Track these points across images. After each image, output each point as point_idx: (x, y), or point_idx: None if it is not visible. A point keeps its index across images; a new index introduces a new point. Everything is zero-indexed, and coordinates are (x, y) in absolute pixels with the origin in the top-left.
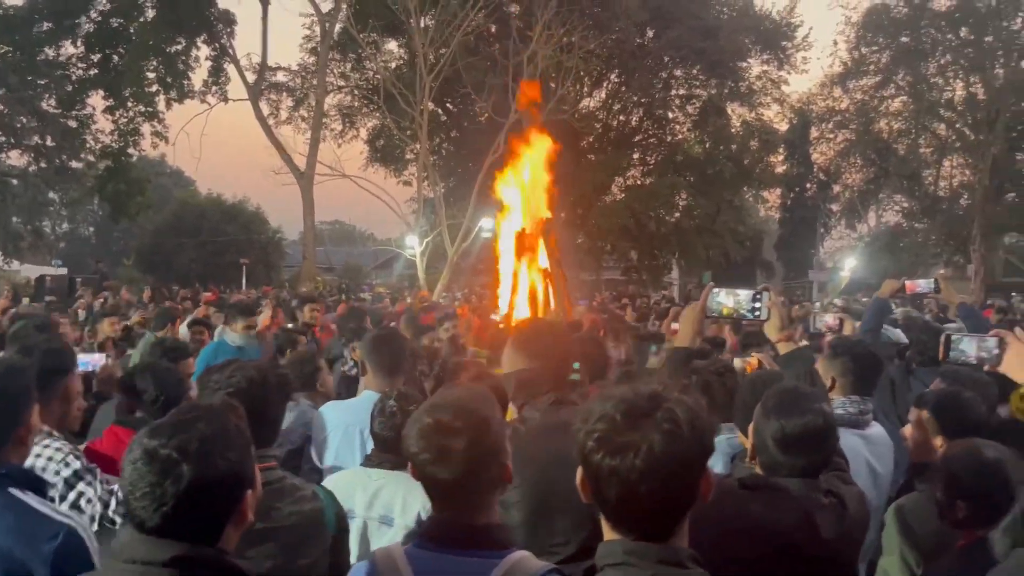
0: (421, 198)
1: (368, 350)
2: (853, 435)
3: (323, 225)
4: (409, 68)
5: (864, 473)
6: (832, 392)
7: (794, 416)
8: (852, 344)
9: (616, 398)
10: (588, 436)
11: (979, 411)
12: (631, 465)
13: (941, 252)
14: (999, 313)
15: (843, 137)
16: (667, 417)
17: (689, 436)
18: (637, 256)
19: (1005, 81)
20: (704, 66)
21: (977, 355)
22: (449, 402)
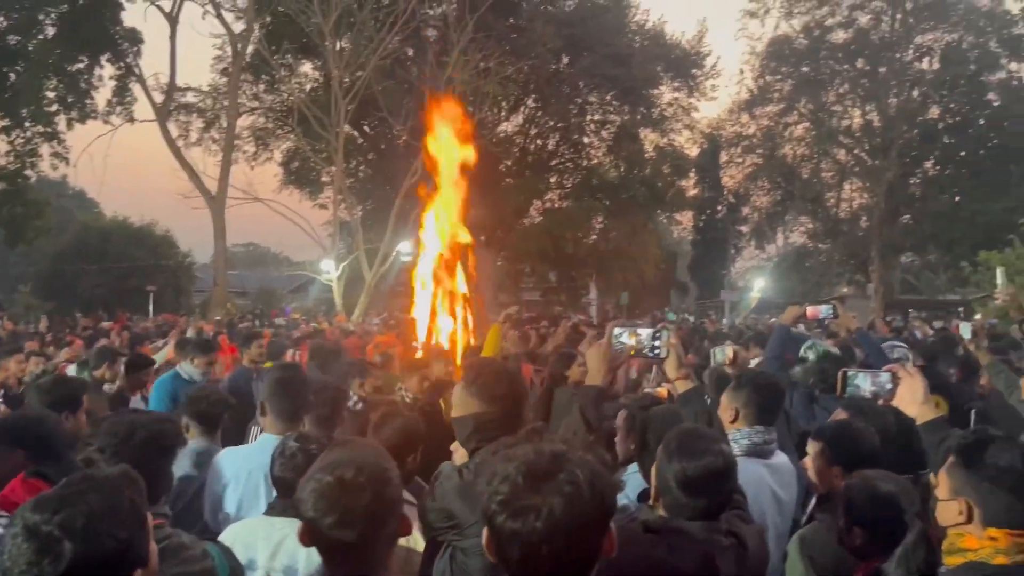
0: (337, 221)
1: (268, 392)
2: (758, 464)
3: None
4: (324, 90)
5: (769, 501)
6: (736, 423)
7: (695, 458)
8: (755, 376)
9: (519, 459)
10: (491, 498)
11: (871, 441)
12: (532, 528)
13: (843, 271)
14: (893, 332)
15: (751, 161)
16: (568, 479)
17: (589, 498)
18: (556, 278)
19: (898, 110)
20: (617, 92)
21: (871, 390)
22: (348, 459)
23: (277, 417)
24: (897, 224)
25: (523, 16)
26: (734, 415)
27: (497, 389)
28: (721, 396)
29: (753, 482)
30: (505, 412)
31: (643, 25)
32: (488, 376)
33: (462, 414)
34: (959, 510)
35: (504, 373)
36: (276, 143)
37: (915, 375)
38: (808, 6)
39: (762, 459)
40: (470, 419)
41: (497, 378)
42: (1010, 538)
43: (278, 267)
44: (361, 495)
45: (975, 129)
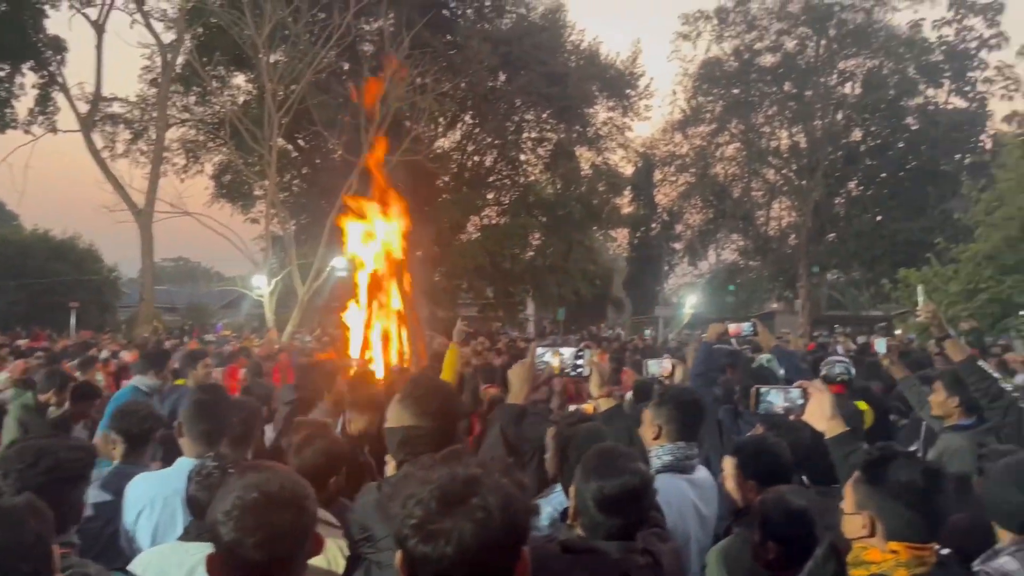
0: (269, 236)
1: (187, 414)
2: (681, 480)
3: (166, 263)
4: (257, 103)
5: (692, 516)
6: (659, 439)
7: (612, 477)
8: (677, 392)
9: (433, 483)
10: (404, 522)
11: (784, 456)
12: (442, 553)
13: (773, 288)
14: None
15: (684, 180)
16: (480, 505)
17: (500, 523)
18: (493, 293)
19: (823, 132)
20: (553, 111)
21: (783, 405)
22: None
23: (195, 440)
24: (823, 242)
25: (460, 33)
26: (657, 432)
27: (429, 405)
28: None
29: (676, 497)
30: (435, 428)
31: (579, 45)
32: (422, 391)
33: (393, 426)
34: (863, 524)
35: (438, 390)
36: (207, 156)
37: (823, 391)
38: (738, 30)
39: (684, 474)
40: (399, 431)
41: (431, 394)
42: (910, 552)
43: (208, 282)
44: (287, 511)
45: (895, 152)
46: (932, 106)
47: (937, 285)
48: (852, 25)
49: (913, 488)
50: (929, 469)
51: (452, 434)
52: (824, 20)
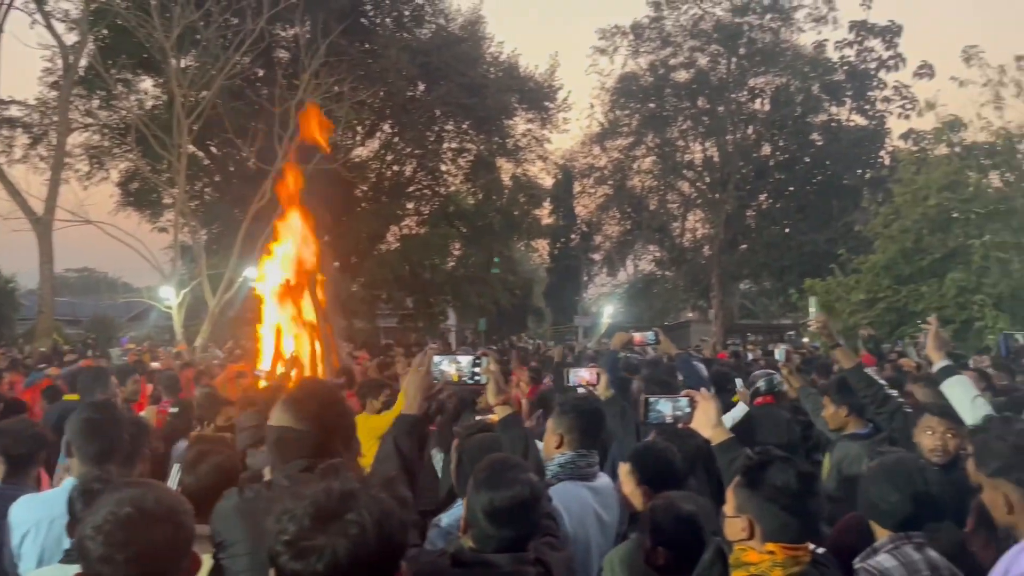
0: (178, 246)
1: (74, 432)
2: (583, 487)
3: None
4: (166, 108)
5: (593, 522)
6: (561, 448)
7: (502, 488)
8: (577, 401)
9: (309, 498)
10: (277, 538)
11: (675, 462)
12: (313, 570)
13: (688, 298)
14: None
15: (602, 192)
16: (355, 520)
17: (375, 540)
18: (413, 304)
19: (734, 147)
20: (473, 122)
21: (672, 414)
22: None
23: (83, 460)
24: (735, 253)
25: (378, 42)
26: (559, 440)
27: (307, 408)
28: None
29: (577, 504)
30: (311, 432)
31: (497, 57)
32: (303, 394)
33: (271, 425)
34: (742, 526)
35: (320, 395)
36: (113, 162)
37: (709, 399)
38: (653, 46)
39: (586, 482)
40: (275, 431)
41: (311, 398)
42: (786, 552)
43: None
44: (162, 527)
45: (801, 166)
46: (835, 123)
47: (840, 295)
48: (760, 44)
49: (788, 491)
50: (803, 472)
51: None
52: (734, 38)
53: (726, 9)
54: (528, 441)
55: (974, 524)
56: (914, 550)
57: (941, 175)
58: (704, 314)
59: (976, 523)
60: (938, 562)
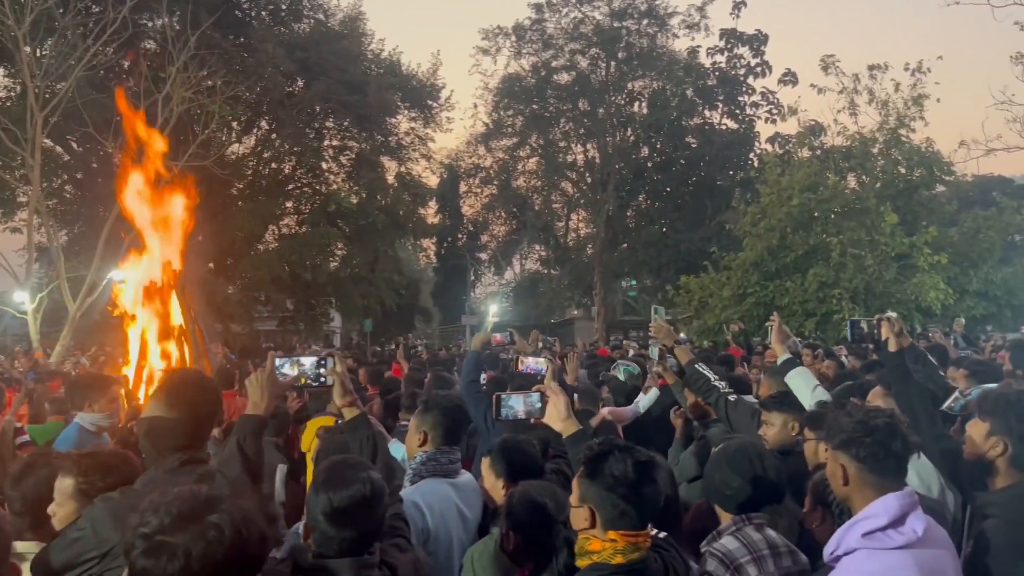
0: (32, 247)
1: None
2: (445, 484)
3: None
4: (18, 101)
5: (455, 518)
6: (425, 446)
7: (340, 488)
8: (441, 398)
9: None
10: (135, 530)
11: (532, 454)
12: (163, 569)
13: (572, 296)
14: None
15: (488, 192)
16: (215, 524)
17: (230, 545)
18: (294, 306)
19: (614, 148)
20: (353, 119)
21: (525, 410)
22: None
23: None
24: (616, 252)
25: (253, 36)
26: (423, 438)
27: (179, 396)
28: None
29: (439, 500)
30: (182, 420)
31: (379, 54)
32: (173, 382)
33: (144, 416)
34: (585, 516)
35: (192, 385)
36: None
37: (559, 393)
38: (535, 48)
39: (448, 478)
40: (146, 421)
41: (183, 387)
42: (625, 539)
43: None
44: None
45: (677, 168)
46: (709, 126)
47: (713, 291)
48: (638, 48)
49: (625, 480)
50: (639, 461)
51: (204, 430)
52: (613, 42)
53: (605, 13)
54: (376, 442)
55: (811, 503)
56: (754, 531)
57: (803, 176)
58: (588, 312)
59: (813, 502)
60: (776, 540)
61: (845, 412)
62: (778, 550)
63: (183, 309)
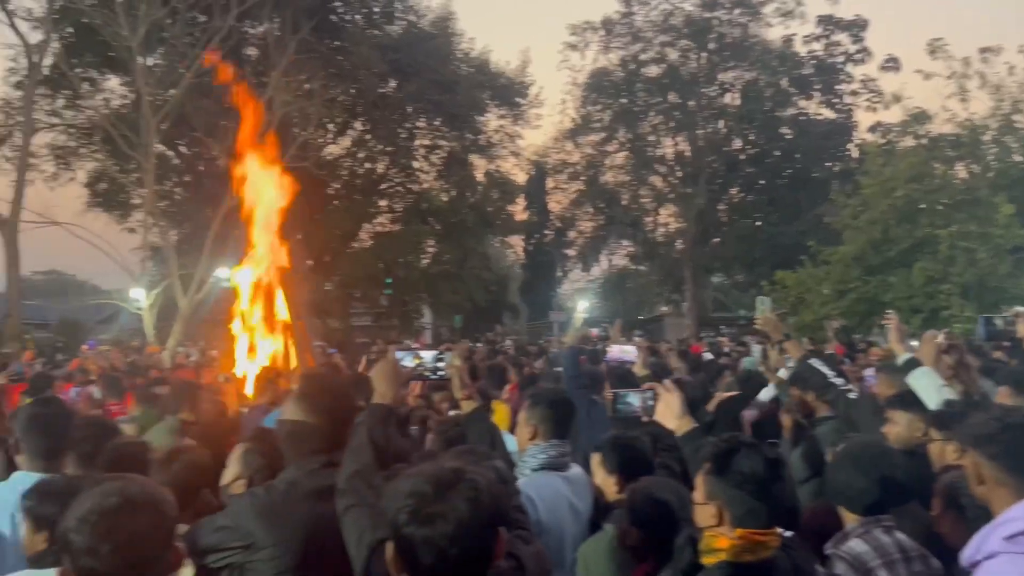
0: (148, 247)
1: (23, 429)
2: (556, 477)
3: (36, 276)
4: (133, 108)
5: (566, 512)
6: (536, 439)
7: None
8: (548, 393)
9: (424, 473)
10: (399, 512)
11: (645, 450)
12: (442, 532)
13: (661, 292)
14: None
15: (575, 188)
16: (470, 486)
17: (489, 502)
18: (387, 302)
19: (705, 141)
20: (445, 118)
21: (642, 407)
22: (126, 484)
23: (34, 456)
24: (707, 247)
25: (348, 39)
26: (533, 432)
27: (319, 402)
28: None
29: (551, 494)
30: (322, 425)
31: (468, 53)
32: (314, 389)
33: (283, 419)
34: (711, 513)
35: (331, 390)
36: (80, 163)
37: (672, 391)
38: (624, 41)
39: (559, 472)
40: (287, 424)
41: (322, 393)
42: (755, 538)
43: (83, 296)
44: (145, 516)
45: (771, 159)
46: (804, 117)
47: (811, 286)
48: (730, 39)
49: (755, 477)
50: (770, 459)
51: (342, 434)
52: (704, 33)
53: (695, 4)
54: (494, 434)
55: (941, 505)
56: (883, 533)
57: (908, 167)
58: (678, 308)
59: (944, 504)
60: (907, 544)
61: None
62: (909, 554)
63: (288, 305)
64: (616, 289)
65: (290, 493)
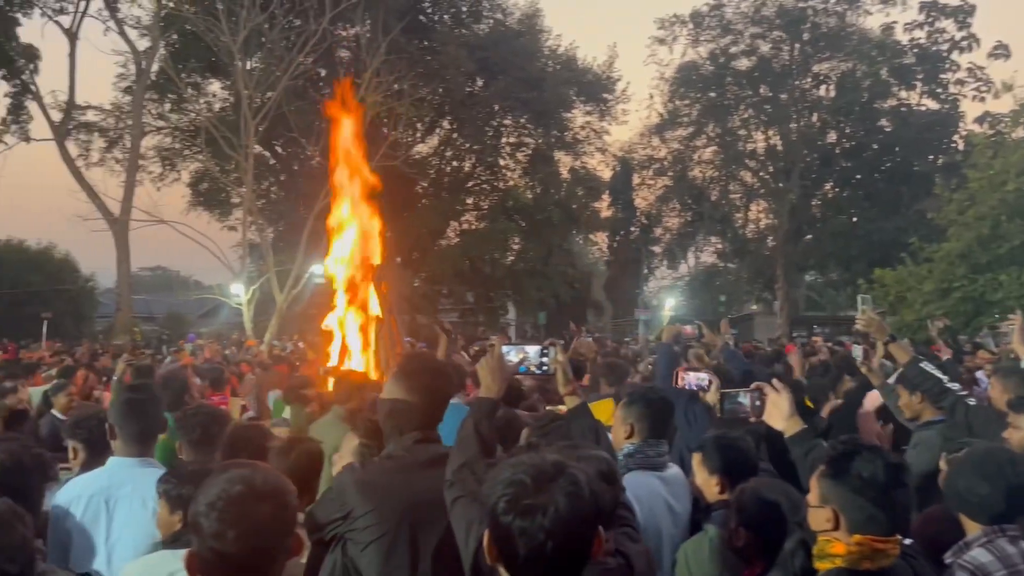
0: (247, 244)
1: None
2: (653, 477)
3: (143, 272)
4: (233, 110)
5: (664, 512)
6: (631, 438)
7: None
8: (646, 391)
9: (525, 464)
10: (499, 499)
11: (748, 450)
12: (539, 525)
13: (751, 289)
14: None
15: (662, 183)
16: (570, 481)
17: (588, 498)
18: (474, 298)
19: (798, 135)
20: (531, 116)
21: (750, 406)
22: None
23: (127, 441)
24: (800, 243)
25: (436, 39)
26: (629, 430)
27: (417, 381)
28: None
29: (647, 493)
30: (421, 404)
31: (555, 50)
32: (412, 368)
33: (384, 398)
34: (827, 517)
35: (428, 369)
36: (184, 164)
37: (782, 391)
38: (713, 34)
39: (656, 471)
40: (387, 403)
41: (421, 372)
42: (873, 545)
43: (186, 291)
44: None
45: (869, 153)
46: (905, 108)
47: (911, 284)
48: (825, 28)
49: (875, 483)
50: (891, 463)
51: (438, 412)
52: (798, 24)
53: None
54: (599, 430)
55: None
56: (1008, 543)
57: (1020, 159)
58: (769, 306)
59: None
60: None
61: None
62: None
63: (380, 301)
64: (703, 287)
65: (384, 466)
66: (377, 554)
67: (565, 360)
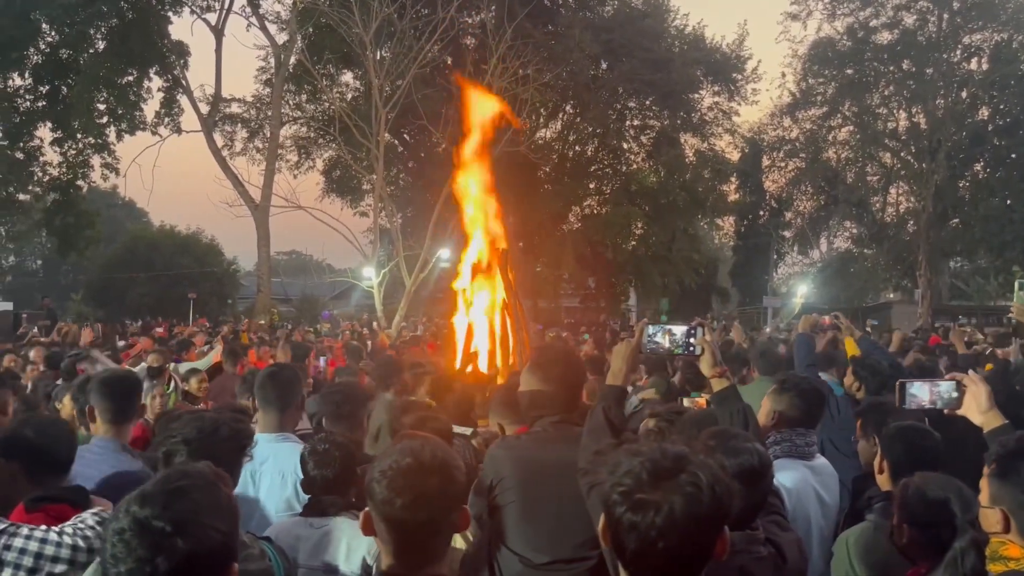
0: (377, 229)
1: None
2: (802, 466)
3: (280, 256)
4: (365, 99)
5: (813, 502)
6: (778, 426)
7: (728, 457)
8: (798, 380)
9: (644, 455)
10: (613, 489)
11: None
12: (650, 522)
13: (890, 277)
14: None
15: (793, 166)
16: (690, 480)
17: (708, 500)
18: (595, 284)
19: (945, 111)
20: (657, 97)
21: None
22: (422, 444)
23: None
24: (945, 228)
25: (561, 23)
26: (776, 418)
27: (552, 371)
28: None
29: (797, 483)
30: (558, 392)
31: (682, 30)
32: (547, 359)
33: (523, 390)
34: (997, 519)
35: (561, 360)
36: (318, 152)
37: (980, 383)
38: (852, 7)
39: (804, 460)
40: (527, 395)
41: (554, 363)
42: None
43: (320, 275)
44: (435, 477)
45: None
46: None
47: None
48: None
49: None
50: None
51: (576, 399)
52: None
53: None
54: (747, 415)
55: None
56: None
57: None
58: (909, 295)
59: None
60: None
61: None
62: None
63: (506, 286)
64: (837, 274)
65: (523, 439)
66: (515, 512)
67: (712, 341)
